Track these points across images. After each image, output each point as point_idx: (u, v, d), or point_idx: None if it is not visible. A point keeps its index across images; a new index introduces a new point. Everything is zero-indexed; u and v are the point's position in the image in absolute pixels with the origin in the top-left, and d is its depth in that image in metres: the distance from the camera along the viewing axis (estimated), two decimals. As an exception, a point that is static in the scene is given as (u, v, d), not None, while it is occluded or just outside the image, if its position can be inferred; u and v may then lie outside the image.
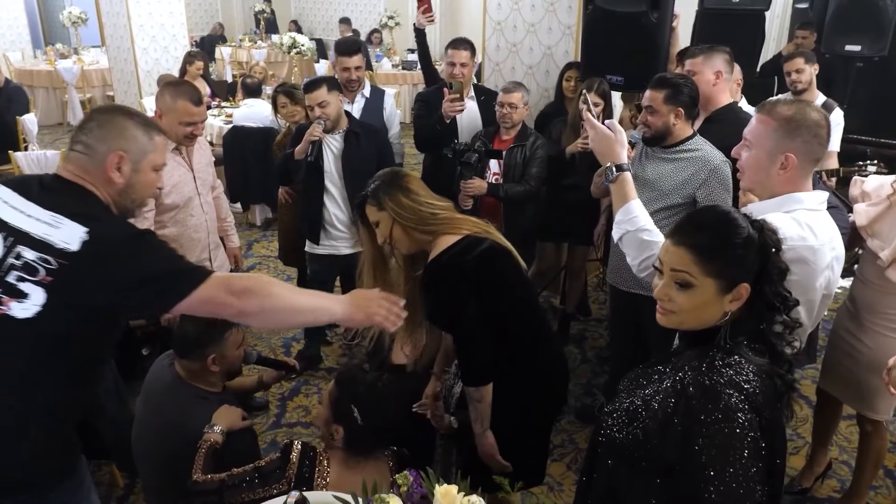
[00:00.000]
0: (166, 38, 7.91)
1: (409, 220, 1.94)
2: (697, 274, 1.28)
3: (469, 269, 1.90)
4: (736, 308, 1.28)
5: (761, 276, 1.28)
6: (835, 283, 1.80)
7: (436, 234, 1.96)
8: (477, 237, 1.94)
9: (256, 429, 3.23)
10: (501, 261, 1.96)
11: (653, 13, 3.32)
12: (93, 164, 1.57)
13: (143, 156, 1.62)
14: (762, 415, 1.21)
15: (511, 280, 2.01)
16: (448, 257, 1.91)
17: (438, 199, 2.04)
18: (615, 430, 1.30)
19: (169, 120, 2.72)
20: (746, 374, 1.24)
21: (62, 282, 1.43)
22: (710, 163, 2.50)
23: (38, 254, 1.43)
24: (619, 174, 1.90)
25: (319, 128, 3.19)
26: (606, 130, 1.94)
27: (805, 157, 1.72)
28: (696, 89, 2.58)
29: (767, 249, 1.29)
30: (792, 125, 1.71)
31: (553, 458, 3.10)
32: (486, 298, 1.94)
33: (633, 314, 2.88)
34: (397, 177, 2.04)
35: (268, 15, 12.19)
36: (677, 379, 1.27)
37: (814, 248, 1.68)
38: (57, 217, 1.46)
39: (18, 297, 1.42)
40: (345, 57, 3.66)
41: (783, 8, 7.77)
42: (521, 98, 3.38)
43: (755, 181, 1.81)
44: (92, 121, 1.62)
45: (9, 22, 10.40)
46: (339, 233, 3.41)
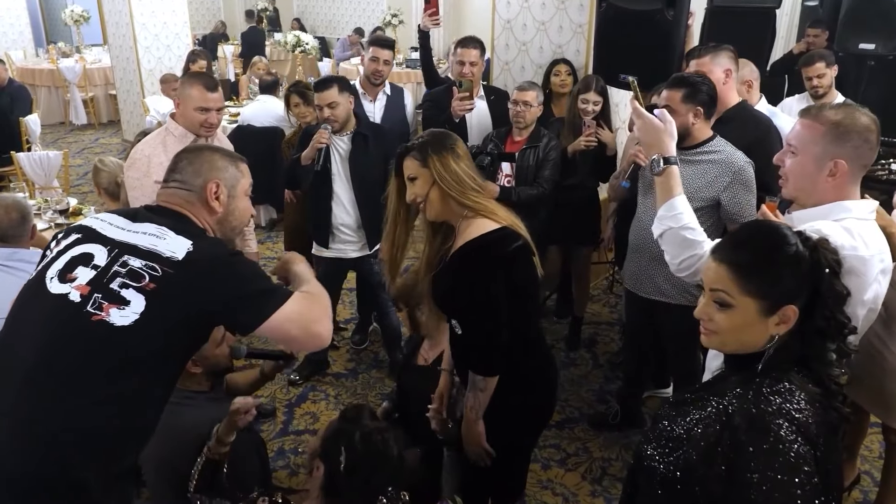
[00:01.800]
0: (169, 37, 7.87)
1: (452, 187, 1.83)
2: (736, 293, 1.22)
3: (507, 259, 1.83)
4: (783, 331, 1.20)
5: (813, 298, 1.19)
6: (881, 296, 1.72)
7: (473, 211, 1.86)
8: (514, 231, 1.85)
9: (264, 436, 3.17)
10: (529, 262, 1.89)
11: (668, 11, 3.23)
12: (192, 196, 1.66)
13: (236, 181, 1.72)
14: (817, 447, 1.12)
15: (530, 284, 1.94)
16: (488, 242, 1.83)
17: (481, 178, 1.95)
18: (656, 460, 1.22)
19: (185, 108, 2.74)
20: (798, 403, 1.15)
21: (163, 290, 1.44)
22: (733, 164, 2.43)
23: (144, 262, 1.46)
24: (665, 167, 1.84)
25: (326, 134, 3.12)
26: (655, 121, 1.88)
27: (855, 163, 1.65)
28: (714, 88, 2.50)
29: (821, 270, 1.20)
30: (841, 130, 1.63)
31: (567, 468, 3.04)
32: (510, 294, 1.87)
33: (651, 321, 2.81)
34: (450, 138, 1.91)
35: (270, 13, 12.12)
36: (722, 407, 1.19)
37: (864, 258, 1.60)
38: (163, 230, 1.52)
39: (119, 304, 1.42)
40: (378, 47, 3.64)
41: (792, 5, 7.68)
42: (535, 97, 3.30)
43: (800, 188, 1.72)
44: (181, 161, 1.72)
45: (10, 20, 10.33)
46: (347, 236, 3.34)
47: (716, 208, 2.47)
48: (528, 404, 2.03)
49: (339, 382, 3.69)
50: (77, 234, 1.56)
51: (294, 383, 3.63)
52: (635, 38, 3.38)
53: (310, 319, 1.56)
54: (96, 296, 1.43)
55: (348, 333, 4.14)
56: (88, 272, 1.47)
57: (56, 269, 1.50)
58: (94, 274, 1.46)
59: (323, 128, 3.12)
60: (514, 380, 1.97)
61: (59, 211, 3.80)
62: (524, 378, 2.00)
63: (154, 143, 2.74)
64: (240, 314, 1.51)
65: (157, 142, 2.74)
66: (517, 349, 1.94)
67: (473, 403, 1.96)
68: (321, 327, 1.58)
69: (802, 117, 1.71)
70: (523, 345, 1.97)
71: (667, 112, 1.89)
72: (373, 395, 3.57)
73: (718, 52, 2.74)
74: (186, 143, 2.76)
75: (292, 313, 1.52)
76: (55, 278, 1.48)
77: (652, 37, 3.33)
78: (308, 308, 1.57)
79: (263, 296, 1.53)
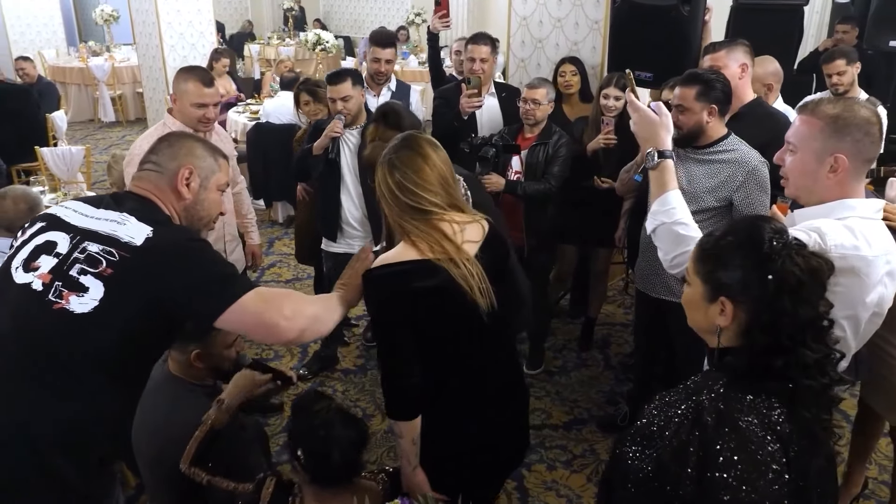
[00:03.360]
0: (194, 36, 7.96)
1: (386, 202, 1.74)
2: (691, 271, 1.27)
3: (406, 294, 1.68)
4: (724, 324, 1.19)
5: (760, 304, 1.13)
6: (888, 299, 1.63)
7: (401, 233, 1.73)
8: (433, 266, 1.67)
9: (270, 431, 3.19)
10: (438, 304, 1.70)
11: (684, 6, 3.18)
12: (163, 179, 1.65)
13: (211, 173, 1.71)
14: (789, 446, 1.08)
15: (438, 327, 1.75)
16: (391, 274, 1.68)
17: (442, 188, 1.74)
18: (630, 457, 1.19)
19: (181, 103, 2.75)
20: (770, 401, 1.12)
21: (120, 275, 1.44)
22: (747, 164, 2.36)
23: (102, 247, 1.46)
24: (660, 161, 1.79)
25: (340, 124, 3.11)
26: (651, 114, 1.83)
27: (856, 157, 1.58)
28: (729, 85, 2.43)
29: (773, 278, 1.12)
30: (840, 123, 1.57)
31: (573, 470, 3.00)
32: (420, 328, 1.72)
33: (661, 321, 2.76)
34: (403, 151, 1.74)
35: (296, 12, 12.22)
36: (694, 406, 1.16)
37: (867, 258, 1.53)
38: (125, 216, 1.52)
39: (78, 291, 1.43)
40: (378, 47, 3.62)
41: (823, 2, 7.51)
42: (545, 94, 3.26)
43: (801, 187, 1.66)
44: (163, 143, 1.72)
45: (44, 20, 10.57)
46: (354, 231, 3.33)
47: (729, 209, 2.41)
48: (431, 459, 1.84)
49: (348, 378, 3.69)
50: (42, 223, 1.56)
51: (303, 378, 3.64)
52: (651, 34, 3.32)
53: (274, 313, 1.50)
54: (57, 284, 1.43)
55: (359, 330, 4.14)
56: (51, 260, 1.47)
57: (21, 258, 1.50)
58: (56, 262, 1.46)
59: (337, 118, 3.12)
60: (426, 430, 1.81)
61: (76, 204, 3.85)
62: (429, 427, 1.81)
63: (152, 139, 2.74)
64: (196, 303, 1.48)
65: (155, 137, 2.75)
66: (432, 397, 1.78)
67: (400, 453, 1.84)
68: (288, 323, 1.52)
69: (800, 113, 1.66)
70: (435, 395, 1.79)
71: (663, 105, 1.84)
72: (380, 392, 3.54)
73: (734, 46, 2.68)
74: None
75: (252, 305, 1.48)
76: (20, 268, 1.49)
77: (668, 33, 3.28)
78: (273, 302, 1.52)
79: (222, 285, 1.49)
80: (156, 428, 2.05)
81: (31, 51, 9.56)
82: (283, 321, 1.52)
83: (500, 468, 2.06)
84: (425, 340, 1.73)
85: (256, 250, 3.32)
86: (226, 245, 3.00)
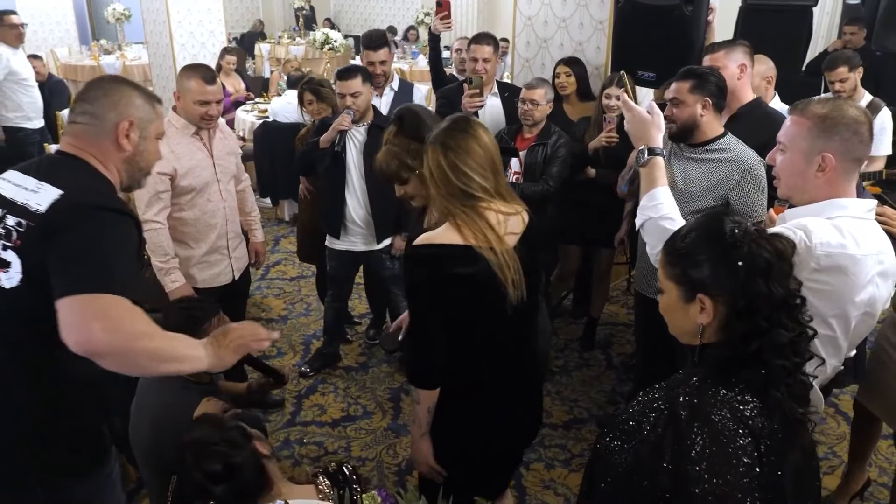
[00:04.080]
0: (204, 35, 8.02)
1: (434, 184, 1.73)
2: (662, 276, 1.26)
3: (445, 280, 1.70)
4: (706, 321, 1.19)
5: (735, 292, 1.14)
6: (880, 300, 1.64)
7: (446, 215, 1.73)
8: (474, 253, 1.68)
9: (270, 427, 3.21)
10: (473, 291, 1.72)
11: (687, 6, 3.16)
12: (99, 133, 1.58)
13: (149, 122, 1.65)
14: (761, 441, 1.08)
15: (469, 313, 1.77)
16: (433, 256, 1.70)
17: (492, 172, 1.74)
18: (609, 451, 1.20)
19: (185, 101, 2.76)
20: (744, 395, 1.12)
21: (26, 245, 1.43)
22: (743, 163, 2.35)
23: (17, 218, 1.44)
24: (650, 158, 1.86)
25: (349, 118, 3.13)
26: (643, 113, 1.90)
27: (844, 156, 1.59)
28: (723, 79, 2.44)
29: (743, 264, 1.14)
30: (828, 123, 1.59)
31: (571, 469, 3.00)
32: (451, 310, 1.74)
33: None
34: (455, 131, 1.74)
35: (306, 12, 12.27)
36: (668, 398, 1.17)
37: (855, 257, 1.54)
38: (41, 184, 1.47)
39: (4, 267, 1.43)
40: (369, 50, 3.61)
41: (833, 3, 7.46)
42: (543, 95, 3.26)
43: (791, 186, 1.68)
44: (97, 90, 1.61)
45: (57, 19, 10.69)
46: (358, 228, 3.35)
47: (725, 207, 2.41)
48: (444, 435, 1.88)
49: (349, 376, 3.71)
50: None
51: (304, 375, 3.66)
52: (654, 34, 3.31)
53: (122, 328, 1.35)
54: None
55: (362, 328, 4.16)
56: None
57: None
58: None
59: (346, 112, 3.13)
60: (442, 404, 1.85)
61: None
62: (447, 406, 1.85)
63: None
64: (54, 275, 1.37)
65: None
66: (452, 373, 1.80)
67: (413, 416, 1.88)
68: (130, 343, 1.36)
69: (790, 113, 1.68)
70: (458, 372, 1.82)
71: (655, 105, 1.89)
72: (381, 390, 3.58)
73: (733, 47, 2.68)
74: (188, 135, 2.79)
75: (103, 308, 1.34)
76: None
77: (671, 32, 3.26)
78: (128, 319, 1.38)
79: (88, 270, 1.37)
80: (152, 421, 2.09)
81: (44, 49, 9.66)
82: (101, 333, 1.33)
83: (513, 456, 2.09)
84: (454, 323, 1.75)
85: (260, 248, 3.34)
86: (229, 242, 3.02)
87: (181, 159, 2.76)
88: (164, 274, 2.80)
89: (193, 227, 2.88)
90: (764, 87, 3.10)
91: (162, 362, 1.44)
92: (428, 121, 2.02)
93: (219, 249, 2.98)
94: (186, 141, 2.80)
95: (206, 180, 2.85)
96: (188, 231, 2.88)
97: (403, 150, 1.96)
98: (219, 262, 3.01)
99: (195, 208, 2.86)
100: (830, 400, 3.42)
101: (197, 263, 2.94)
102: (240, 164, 3.14)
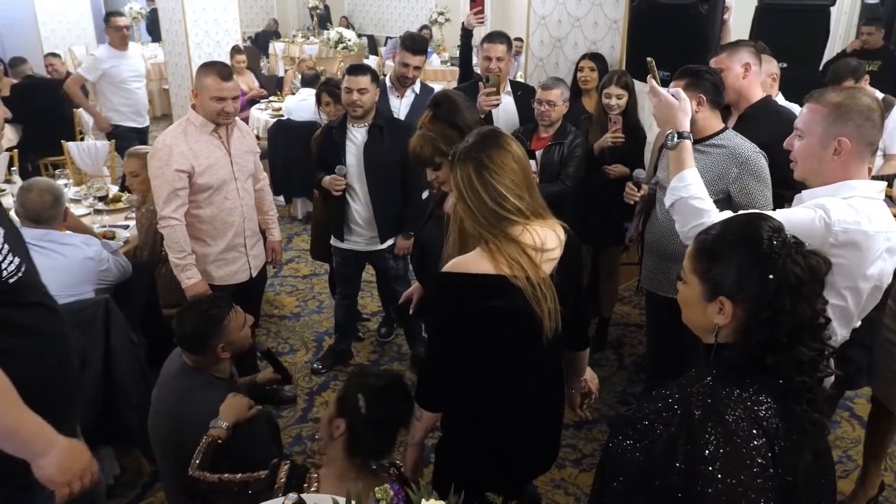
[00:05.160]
0: (219, 33, 8.07)
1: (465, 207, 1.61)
2: (687, 269, 1.26)
3: (473, 310, 1.61)
4: (723, 323, 1.18)
5: (759, 303, 1.12)
6: (888, 273, 1.77)
7: (477, 238, 1.61)
8: (508, 284, 1.56)
9: (282, 423, 3.23)
10: (512, 322, 1.62)
11: (702, 5, 3.15)
12: None
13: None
14: (775, 442, 1.08)
15: (493, 347, 1.67)
16: (458, 283, 1.59)
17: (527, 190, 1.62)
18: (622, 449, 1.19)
19: (202, 98, 2.79)
20: (758, 396, 1.11)
21: None
22: (740, 155, 2.35)
23: None
24: (679, 141, 1.97)
25: (342, 181, 3.21)
26: (670, 98, 1.99)
27: (859, 140, 1.72)
28: (719, 78, 2.48)
29: (774, 278, 1.11)
30: (843, 110, 1.72)
31: (581, 469, 3.00)
32: (478, 342, 1.66)
33: (672, 321, 2.73)
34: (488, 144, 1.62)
35: (320, 11, 12.31)
36: (681, 397, 1.17)
37: (868, 233, 1.67)
38: None
39: None
40: (409, 53, 3.62)
41: (851, 3, 7.39)
42: (559, 95, 3.26)
43: (808, 170, 1.81)
44: None
45: (75, 17, 10.79)
46: (360, 229, 3.37)
47: (728, 201, 2.40)
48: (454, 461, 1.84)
49: (361, 373, 3.72)
50: None
51: (317, 372, 3.68)
52: (669, 33, 3.30)
53: None
54: None
55: (373, 325, 4.18)
56: None
57: None
58: None
59: (338, 171, 3.20)
60: (455, 430, 1.82)
61: (98, 198, 3.94)
62: (461, 436, 1.82)
63: (175, 133, 2.82)
64: None
65: (179, 132, 2.82)
66: (467, 402, 1.75)
67: (410, 427, 1.87)
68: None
69: (807, 101, 1.80)
70: (473, 402, 1.76)
71: (681, 91, 2.01)
72: (393, 388, 3.58)
73: (736, 47, 2.68)
74: (206, 132, 2.82)
75: None
76: None
77: (686, 31, 3.25)
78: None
79: None
80: (175, 417, 2.13)
81: (62, 47, 9.76)
82: None
83: (527, 476, 2.04)
84: (480, 354, 1.67)
85: (277, 247, 3.36)
86: (246, 240, 3.04)
87: (199, 157, 2.78)
88: (180, 270, 2.83)
89: (211, 224, 2.90)
90: (769, 84, 3.08)
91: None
92: (463, 107, 2.00)
93: (236, 247, 3.01)
94: (205, 139, 2.82)
95: (224, 178, 2.87)
96: (205, 228, 2.91)
97: (438, 136, 1.93)
98: (236, 259, 3.03)
99: (212, 206, 2.88)
100: (845, 404, 3.39)
101: (214, 261, 2.97)
102: (258, 163, 3.17)
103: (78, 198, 3.97)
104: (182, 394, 2.17)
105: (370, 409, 1.77)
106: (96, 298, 2.60)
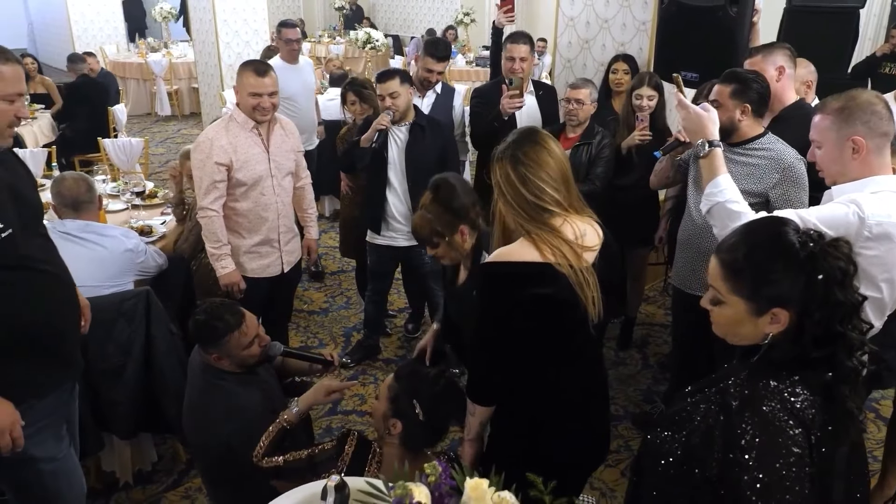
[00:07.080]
0: (248, 33, 8.21)
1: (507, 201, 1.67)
2: (724, 291, 1.23)
3: (521, 298, 1.63)
4: (776, 331, 1.18)
5: (808, 304, 1.14)
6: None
7: (520, 231, 1.66)
8: (553, 272, 1.60)
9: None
10: (548, 312, 1.65)
11: (731, 7, 3.17)
12: None
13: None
14: (810, 431, 1.11)
15: (540, 333, 1.70)
16: (509, 274, 1.63)
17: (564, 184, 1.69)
18: (661, 442, 1.23)
19: (241, 95, 2.89)
20: (794, 388, 1.14)
21: None
22: (782, 161, 2.37)
23: None
24: (710, 150, 2.03)
25: (388, 117, 3.22)
26: (699, 110, 2.07)
27: (872, 135, 1.80)
28: (767, 87, 2.45)
29: (823, 276, 1.13)
30: (846, 112, 1.81)
31: (607, 464, 3.03)
32: (527, 331, 1.70)
33: (699, 319, 2.76)
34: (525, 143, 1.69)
35: (347, 11, 12.43)
36: (722, 391, 1.20)
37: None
38: None
39: None
40: (432, 60, 3.66)
41: (881, 6, 7.31)
42: (588, 94, 3.29)
43: (835, 174, 1.90)
44: None
45: (106, 17, 11.03)
46: (399, 224, 3.43)
47: (765, 205, 2.42)
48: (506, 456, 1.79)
49: (389, 368, 3.79)
50: None
51: (346, 366, 3.75)
52: (698, 35, 3.33)
53: None
54: None
55: (400, 322, 4.24)
56: None
57: None
58: None
59: (386, 112, 3.22)
60: (509, 423, 1.83)
61: (135, 193, 4.05)
62: (512, 430, 1.82)
63: (218, 128, 2.91)
64: None
65: (221, 127, 2.91)
66: (518, 395, 1.77)
67: (466, 423, 1.90)
68: None
69: (815, 114, 1.91)
70: (523, 396, 1.78)
71: (708, 104, 2.06)
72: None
73: (772, 50, 2.69)
74: (247, 129, 2.91)
75: None
76: None
77: (715, 33, 3.27)
78: None
79: None
80: (195, 407, 2.21)
81: (94, 46, 9.98)
82: None
83: (582, 472, 2.06)
84: (528, 343, 1.70)
85: (313, 245, 3.44)
86: (280, 236, 3.11)
87: (238, 151, 2.88)
88: (215, 259, 2.94)
89: (246, 217, 2.99)
90: (804, 91, 3.08)
91: None
92: (461, 192, 2.13)
93: (270, 242, 3.09)
94: (245, 135, 2.91)
95: (260, 174, 2.96)
96: (241, 221, 3.00)
97: (436, 218, 2.09)
98: (269, 253, 3.11)
99: (248, 200, 2.97)
100: (871, 405, 3.39)
101: (247, 252, 3.05)
102: (301, 162, 3.22)
103: (115, 193, 4.09)
104: (201, 386, 2.21)
105: (427, 416, 1.82)
106: (138, 290, 2.68)
